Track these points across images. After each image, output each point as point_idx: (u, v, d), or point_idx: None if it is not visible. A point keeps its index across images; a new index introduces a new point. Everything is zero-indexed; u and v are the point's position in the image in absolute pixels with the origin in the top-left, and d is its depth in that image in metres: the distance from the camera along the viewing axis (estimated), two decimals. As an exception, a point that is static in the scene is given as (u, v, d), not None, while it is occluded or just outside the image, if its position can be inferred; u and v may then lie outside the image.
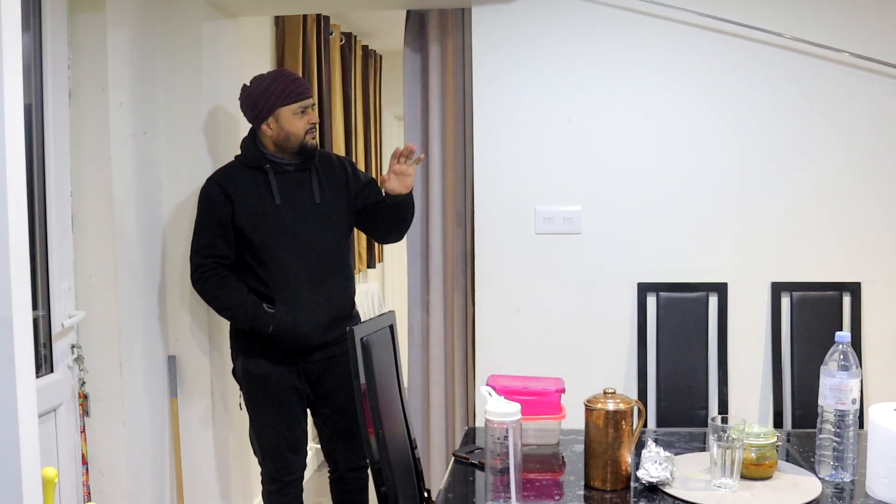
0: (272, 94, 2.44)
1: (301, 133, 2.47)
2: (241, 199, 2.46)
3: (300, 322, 2.43)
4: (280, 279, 2.45)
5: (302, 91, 2.47)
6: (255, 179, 2.48)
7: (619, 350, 2.61)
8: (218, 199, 2.47)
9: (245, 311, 2.43)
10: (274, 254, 2.45)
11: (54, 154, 2.34)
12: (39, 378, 2.25)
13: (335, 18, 4.00)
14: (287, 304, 2.44)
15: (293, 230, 2.46)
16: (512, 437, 1.59)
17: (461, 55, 2.95)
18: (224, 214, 2.46)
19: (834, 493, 1.67)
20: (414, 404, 3.02)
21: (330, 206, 2.52)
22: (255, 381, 2.51)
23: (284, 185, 2.49)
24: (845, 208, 2.52)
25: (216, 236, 2.47)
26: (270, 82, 2.46)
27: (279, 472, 2.53)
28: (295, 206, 2.48)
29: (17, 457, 1.19)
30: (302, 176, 2.52)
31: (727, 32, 2.51)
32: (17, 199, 1.22)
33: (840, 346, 1.72)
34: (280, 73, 2.50)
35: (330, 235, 2.51)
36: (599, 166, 2.58)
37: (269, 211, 2.45)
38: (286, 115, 2.45)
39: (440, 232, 2.97)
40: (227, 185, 2.48)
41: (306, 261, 2.46)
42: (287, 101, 2.44)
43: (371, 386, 1.74)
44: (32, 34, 2.26)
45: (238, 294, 2.45)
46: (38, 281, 2.30)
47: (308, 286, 2.46)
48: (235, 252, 2.49)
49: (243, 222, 2.44)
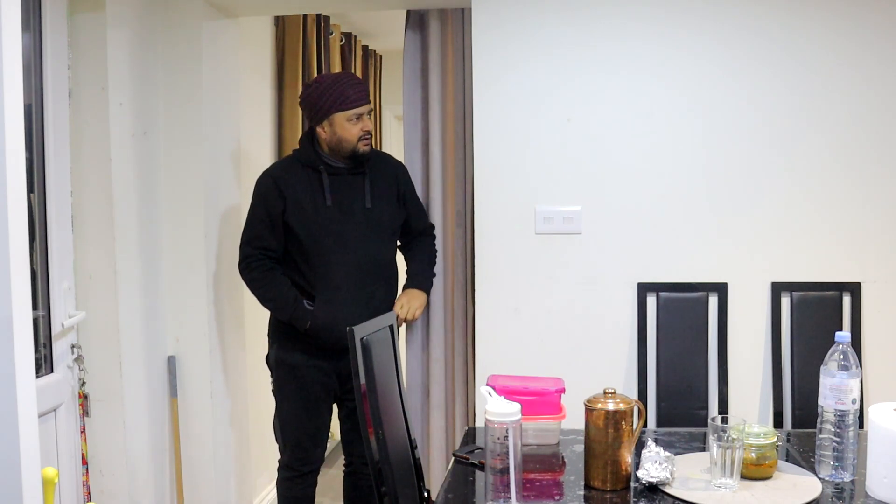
0: (328, 98, 2.48)
1: (354, 140, 2.50)
2: (294, 196, 2.51)
3: (338, 321, 2.46)
4: (323, 278, 2.51)
5: (358, 98, 2.49)
6: (309, 178, 2.53)
7: (619, 350, 2.61)
8: (271, 193, 2.52)
9: (286, 304, 2.50)
10: (320, 253, 2.50)
11: (54, 154, 2.34)
12: (39, 378, 2.25)
13: (335, 18, 4.00)
14: (327, 303, 2.50)
15: (341, 232, 2.51)
16: (512, 437, 1.59)
17: (461, 55, 2.95)
18: (275, 209, 2.51)
19: (834, 493, 1.67)
20: (414, 404, 3.02)
21: (380, 212, 2.58)
22: (286, 371, 2.58)
23: (337, 186, 2.54)
24: (845, 208, 2.52)
25: (266, 229, 2.53)
26: (328, 86, 2.49)
27: (297, 461, 2.60)
28: (345, 209, 2.53)
29: (17, 457, 1.19)
30: (355, 179, 2.57)
31: (727, 32, 2.50)
32: (17, 199, 1.22)
33: (840, 346, 1.72)
34: (339, 77, 2.53)
35: (377, 240, 2.57)
36: (599, 166, 2.58)
37: (319, 211, 2.51)
38: (340, 121, 2.48)
39: (440, 232, 2.96)
40: (281, 181, 2.53)
41: (350, 263, 2.51)
42: (342, 108, 2.47)
43: (371, 386, 1.74)
44: (32, 34, 2.26)
45: (281, 287, 2.52)
46: (38, 281, 2.31)
47: (349, 288, 2.51)
48: (283, 246, 2.55)
49: (293, 220, 2.50)
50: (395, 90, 4.99)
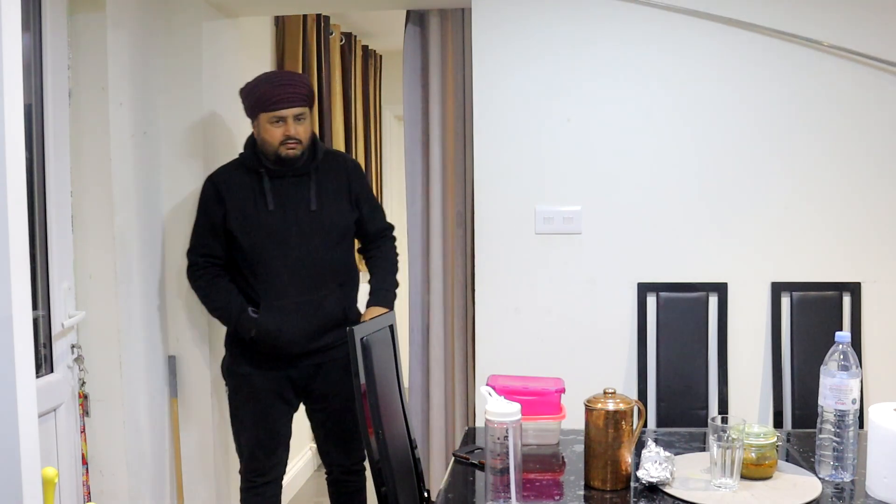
0: (253, 98, 2.40)
1: (275, 143, 2.39)
2: (234, 201, 2.42)
3: (283, 330, 2.40)
4: (267, 285, 2.42)
5: (280, 100, 2.36)
6: (251, 182, 2.43)
7: (619, 350, 2.61)
8: (212, 199, 2.45)
9: (229, 313, 2.43)
10: (262, 260, 2.41)
11: (54, 154, 2.34)
12: (39, 378, 2.25)
13: (335, 18, 4.00)
14: (271, 311, 2.40)
15: (284, 237, 2.41)
16: (512, 437, 1.59)
17: (461, 55, 2.95)
18: (217, 216, 2.44)
19: (834, 493, 1.67)
20: (414, 404, 3.02)
21: (327, 214, 2.46)
22: (237, 380, 2.51)
23: (280, 189, 2.43)
24: (845, 208, 2.52)
25: (209, 236, 2.46)
26: (255, 85, 2.40)
27: (252, 472, 2.53)
28: (289, 212, 2.42)
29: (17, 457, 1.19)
30: (300, 181, 2.45)
31: (727, 32, 2.50)
32: (17, 199, 1.22)
33: (840, 346, 1.72)
34: (269, 77, 2.44)
35: (323, 244, 2.45)
36: (599, 166, 2.58)
37: (261, 216, 2.41)
38: (262, 123, 2.39)
39: (440, 232, 2.97)
40: (222, 185, 2.44)
41: (295, 269, 2.41)
42: (264, 109, 2.37)
43: (371, 386, 1.74)
44: (32, 34, 2.26)
45: (225, 295, 2.44)
46: (38, 281, 2.30)
47: (295, 294, 2.41)
48: (228, 252, 2.47)
49: (234, 226, 2.42)
50: (395, 90, 4.99)
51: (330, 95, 3.92)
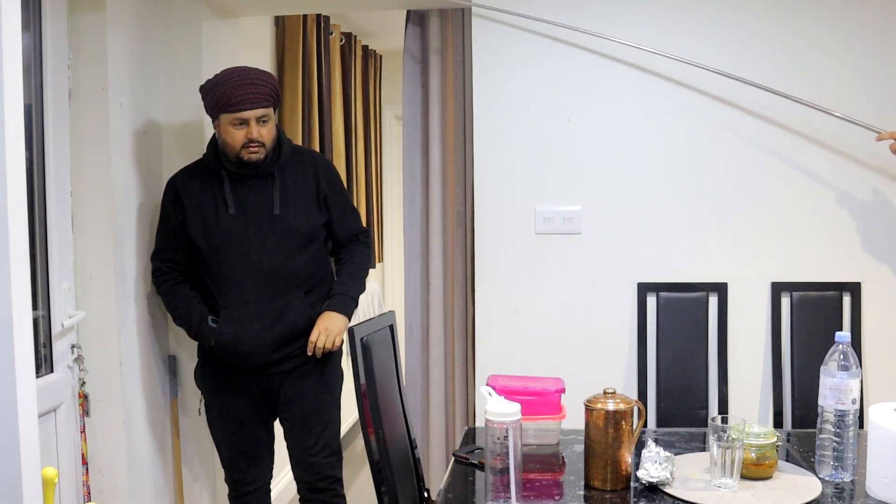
0: (213, 97, 2.28)
1: (236, 146, 2.27)
2: (194, 205, 2.34)
3: (242, 340, 2.31)
4: (227, 293, 2.33)
5: (242, 101, 2.23)
6: (212, 184, 2.34)
7: (619, 350, 2.61)
8: (170, 203, 2.38)
9: (189, 322, 2.36)
10: (221, 267, 2.32)
11: (54, 154, 2.34)
12: (39, 378, 2.25)
13: (335, 18, 4.00)
14: (231, 321, 2.32)
15: (245, 243, 2.31)
16: (512, 437, 1.59)
17: (461, 55, 2.95)
18: (176, 219, 2.36)
19: (834, 493, 1.67)
20: (414, 404, 3.02)
21: (291, 218, 2.34)
22: (211, 389, 2.45)
23: (241, 192, 2.33)
24: (845, 208, 2.52)
25: (169, 240, 2.40)
26: (215, 84, 2.27)
27: (235, 482, 2.47)
28: (249, 217, 2.32)
29: (17, 457, 1.19)
30: (263, 183, 2.34)
31: (728, 32, 2.50)
32: (17, 199, 1.22)
33: (840, 346, 1.72)
34: (228, 74, 2.28)
35: (287, 249, 2.33)
36: (599, 166, 2.58)
37: (221, 220, 2.31)
38: (223, 124, 2.28)
39: (440, 232, 2.96)
40: (182, 188, 2.36)
41: (256, 276, 2.31)
42: (225, 110, 2.26)
43: (371, 386, 1.74)
44: (32, 34, 2.26)
45: (186, 303, 2.37)
46: (38, 281, 2.30)
47: (256, 303, 2.31)
48: (190, 258, 2.38)
49: (193, 230, 2.33)
50: (395, 90, 4.99)
51: (330, 95, 3.92)
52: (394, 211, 5.48)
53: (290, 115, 3.59)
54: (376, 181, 4.88)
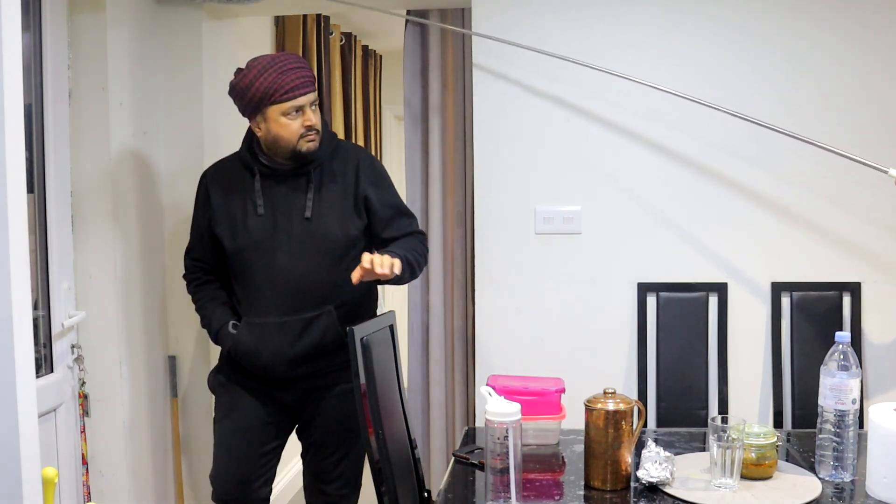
0: (258, 90, 2.03)
1: (293, 138, 2.06)
2: (222, 202, 2.16)
3: (262, 351, 2.12)
4: (249, 300, 2.15)
5: (295, 86, 2.04)
6: (243, 182, 2.15)
7: (619, 350, 2.60)
8: (201, 198, 2.24)
9: (210, 324, 2.21)
10: (245, 271, 2.14)
11: (54, 154, 2.34)
12: (39, 378, 2.25)
13: (335, 18, 4.00)
14: (251, 330, 2.13)
15: (271, 248, 2.11)
16: (512, 437, 1.59)
17: (461, 55, 2.95)
18: (203, 217, 2.21)
19: (834, 493, 1.67)
20: (414, 404, 3.02)
21: (323, 224, 2.12)
22: (222, 396, 2.26)
23: (273, 192, 2.13)
24: (845, 208, 2.51)
25: (197, 239, 2.26)
26: (258, 74, 2.03)
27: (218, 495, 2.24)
28: (278, 220, 2.11)
29: (17, 457, 1.19)
30: (297, 183, 2.13)
31: (728, 31, 2.50)
32: (17, 199, 1.22)
33: (840, 346, 1.72)
34: (271, 61, 2.05)
35: (316, 260, 2.11)
36: (599, 166, 2.58)
37: (249, 221, 2.12)
38: (274, 116, 2.04)
39: (440, 232, 2.96)
40: (211, 183, 2.20)
41: (280, 286, 2.11)
42: (276, 100, 2.03)
43: (371, 386, 1.74)
44: (32, 34, 2.26)
45: (209, 305, 2.22)
46: (38, 281, 2.31)
47: (278, 314, 2.11)
48: (216, 258, 2.22)
49: (219, 230, 2.16)
50: (395, 90, 4.99)
51: (330, 95, 3.92)
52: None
53: (290, 115, 3.58)
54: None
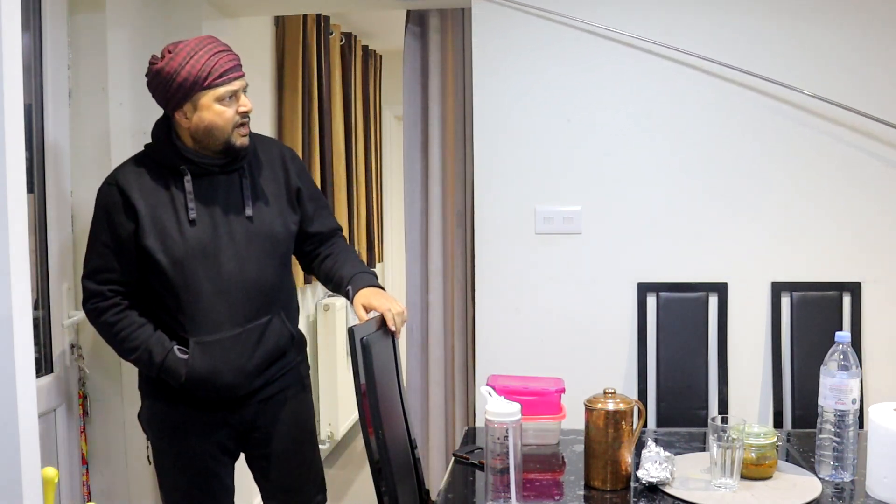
0: (191, 73, 1.85)
1: (228, 127, 1.89)
2: (149, 209, 1.89)
3: (221, 371, 1.91)
4: (197, 316, 1.91)
5: (229, 69, 1.87)
6: (168, 183, 1.92)
7: (619, 350, 2.61)
8: (118, 208, 1.90)
9: (150, 356, 1.90)
10: (189, 284, 1.90)
11: (54, 154, 2.34)
12: (39, 378, 2.25)
13: (335, 18, 4.01)
14: (205, 349, 1.91)
15: (214, 253, 1.91)
16: (512, 437, 1.59)
17: (461, 55, 2.95)
18: (125, 230, 1.90)
19: (834, 493, 1.67)
20: (414, 404, 3.02)
21: (266, 220, 1.98)
22: (164, 432, 2.01)
23: (205, 191, 1.93)
24: (845, 208, 2.51)
25: (113, 257, 1.91)
26: (187, 56, 1.85)
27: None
28: (218, 221, 1.92)
29: (17, 457, 1.19)
30: (229, 179, 1.96)
31: (727, 32, 2.50)
32: (17, 199, 1.22)
33: (840, 346, 1.72)
34: (199, 43, 1.88)
35: (264, 259, 1.97)
36: (599, 166, 2.58)
37: (183, 227, 1.89)
38: (207, 103, 1.86)
39: (440, 232, 2.97)
40: (131, 190, 1.91)
41: (231, 294, 1.92)
42: (210, 84, 1.85)
43: (371, 386, 1.74)
44: (32, 34, 2.26)
45: (139, 333, 1.92)
46: (38, 281, 2.31)
47: (232, 325, 1.93)
48: (138, 276, 1.94)
49: (150, 241, 1.88)
50: (395, 90, 4.99)
51: (330, 95, 3.92)
52: (394, 211, 5.48)
53: (290, 115, 3.59)
54: (376, 181, 4.88)
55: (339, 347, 4.02)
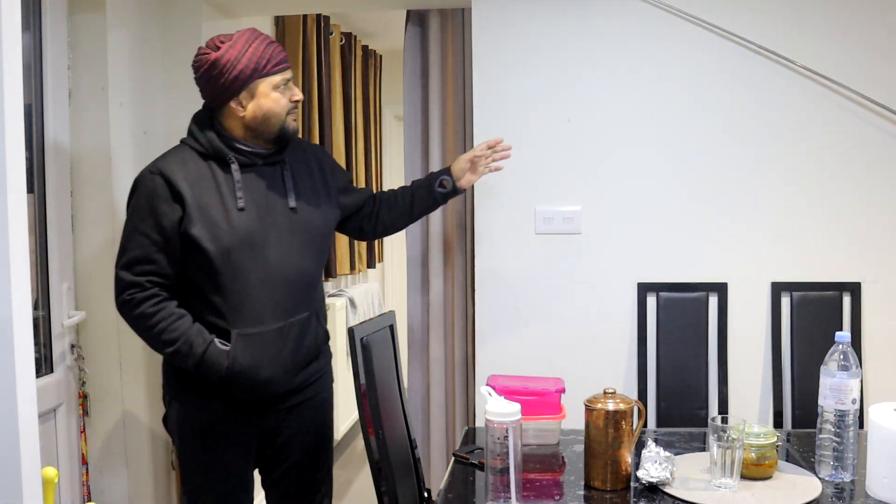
0: (251, 61, 1.90)
1: (283, 113, 1.95)
2: (195, 198, 1.88)
3: (262, 364, 1.91)
4: (241, 307, 1.90)
5: (283, 58, 1.96)
6: (214, 174, 1.92)
7: (619, 350, 2.60)
8: (161, 196, 1.88)
9: (191, 346, 1.87)
10: (236, 274, 1.89)
11: (54, 154, 2.34)
12: (39, 378, 2.25)
13: (335, 18, 4.00)
14: (247, 341, 1.89)
15: (261, 243, 1.92)
16: (512, 437, 1.59)
17: (461, 55, 2.95)
18: (170, 220, 1.88)
19: (834, 493, 1.67)
20: (414, 404, 3.02)
21: (308, 213, 2.01)
22: (193, 435, 1.98)
23: (251, 182, 1.95)
24: (845, 208, 2.51)
25: (155, 248, 1.89)
26: (245, 45, 1.91)
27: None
28: (263, 213, 1.94)
29: (17, 457, 1.19)
30: (273, 171, 1.99)
31: (728, 34, 2.50)
32: (17, 199, 1.22)
33: (840, 346, 1.72)
34: (252, 33, 1.95)
35: (306, 252, 2.00)
36: (599, 166, 2.58)
37: (231, 216, 1.90)
38: (265, 91, 1.92)
39: (440, 232, 2.96)
40: (175, 177, 1.88)
41: (275, 286, 1.93)
42: (268, 72, 1.92)
43: (371, 386, 1.74)
44: (32, 34, 2.26)
45: (182, 324, 1.89)
46: (38, 281, 2.31)
47: (276, 318, 1.93)
48: (177, 269, 1.92)
49: (198, 230, 1.87)
50: (395, 90, 4.99)
51: (330, 95, 3.92)
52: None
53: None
54: (376, 181, 4.88)
55: (339, 347, 4.02)
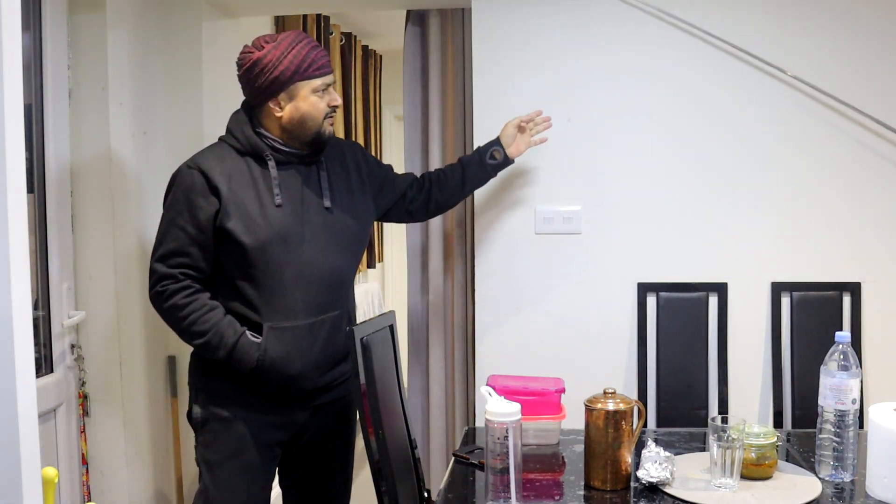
0: (293, 62, 1.92)
1: (320, 117, 1.96)
2: (231, 192, 1.91)
3: (293, 359, 1.93)
4: (274, 301, 1.93)
5: (325, 63, 1.97)
6: (251, 171, 1.96)
7: (619, 350, 2.60)
8: (198, 190, 1.91)
9: (222, 338, 1.89)
10: (270, 268, 1.92)
11: (54, 154, 2.34)
12: (39, 378, 2.25)
13: (335, 18, 4.00)
14: (279, 335, 1.92)
15: (297, 239, 1.95)
16: (512, 437, 1.59)
17: (461, 55, 2.95)
18: (206, 213, 1.91)
19: (834, 493, 1.67)
20: (414, 404, 3.02)
21: (342, 213, 2.04)
22: (218, 430, 1.99)
23: (287, 180, 1.98)
24: (845, 208, 2.51)
25: (191, 241, 1.92)
26: (289, 46, 1.93)
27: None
28: (299, 210, 1.97)
29: (17, 457, 1.19)
30: (309, 171, 2.02)
31: (727, 32, 2.50)
32: (17, 200, 1.22)
33: (840, 346, 1.72)
34: (297, 35, 1.97)
35: (340, 251, 2.02)
36: (599, 166, 2.58)
37: (267, 211, 1.93)
38: (304, 94, 1.94)
39: (440, 232, 2.96)
40: (212, 172, 1.91)
41: (309, 281, 1.96)
42: (309, 75, 1.94)
43: (371, 386, 1.74)
44: (32, 34, 2.26)
45: (211, 316, 1.91)
46: (38, 281, 2.31)
47: (307, 315, 1.96)
48: (212, 263, 1.96)
49: (233, 223, 1.90)
50: (395, 90, 4.99)
51: (330, 95, 3.91)
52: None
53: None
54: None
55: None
